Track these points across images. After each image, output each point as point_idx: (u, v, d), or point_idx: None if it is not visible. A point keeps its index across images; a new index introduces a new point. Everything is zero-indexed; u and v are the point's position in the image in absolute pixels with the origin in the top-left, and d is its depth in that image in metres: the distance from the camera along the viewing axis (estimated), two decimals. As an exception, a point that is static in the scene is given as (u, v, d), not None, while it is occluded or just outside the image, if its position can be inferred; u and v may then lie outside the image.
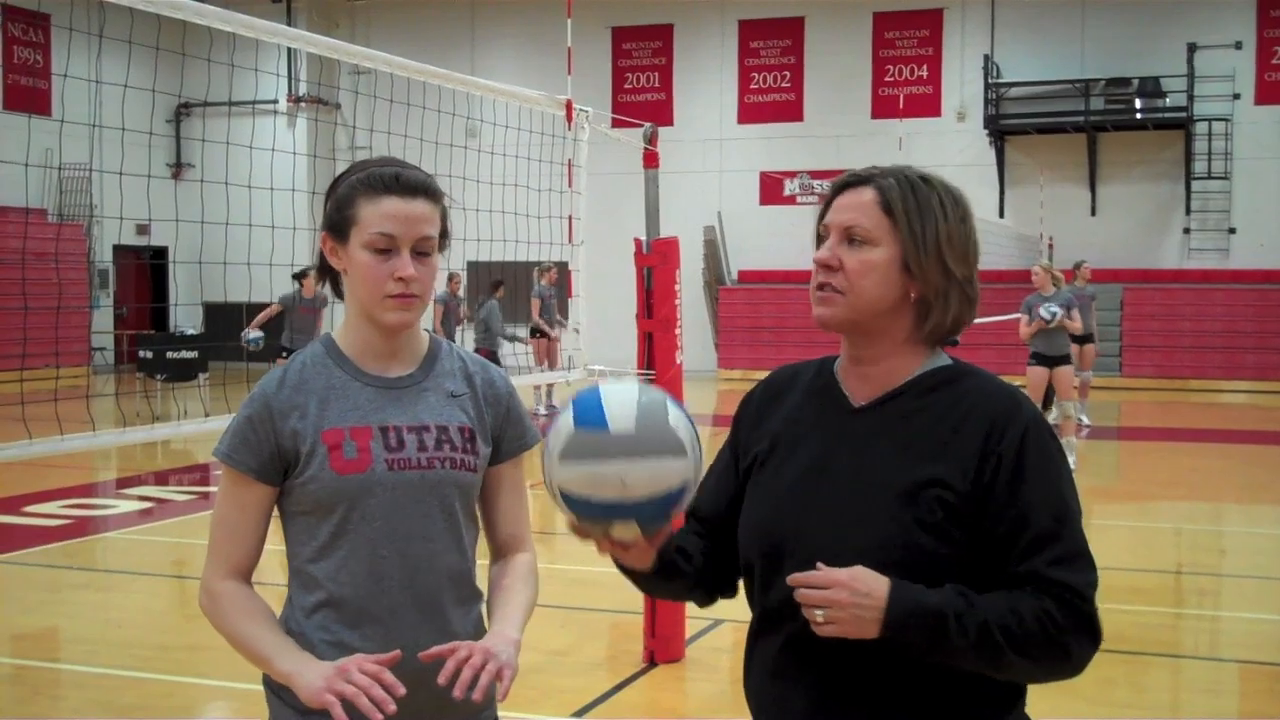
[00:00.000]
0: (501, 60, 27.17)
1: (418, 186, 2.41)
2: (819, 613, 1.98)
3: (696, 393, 22.14)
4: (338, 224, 2.42)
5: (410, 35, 27.99)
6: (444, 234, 2.48)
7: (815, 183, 26.30)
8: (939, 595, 2.00)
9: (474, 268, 17.67)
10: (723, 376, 25.16)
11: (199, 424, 4.56)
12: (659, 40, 27.33)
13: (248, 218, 6.14)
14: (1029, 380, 13.24)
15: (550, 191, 6.43)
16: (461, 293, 18.19)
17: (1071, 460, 13.14)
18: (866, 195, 2.17)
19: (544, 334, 17.81)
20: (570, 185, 6.17)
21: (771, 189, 26.75)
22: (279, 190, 5.83)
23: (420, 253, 2.41)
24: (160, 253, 27.63)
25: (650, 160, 6.49)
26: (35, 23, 24.41)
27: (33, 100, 23.93)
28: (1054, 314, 13.12)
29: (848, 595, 1.97)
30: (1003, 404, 2.13)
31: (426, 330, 2.61)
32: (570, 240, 6.21)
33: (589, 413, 2.08)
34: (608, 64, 27.49)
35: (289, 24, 27.96)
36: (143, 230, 26.09)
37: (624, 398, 2.09)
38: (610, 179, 16.02)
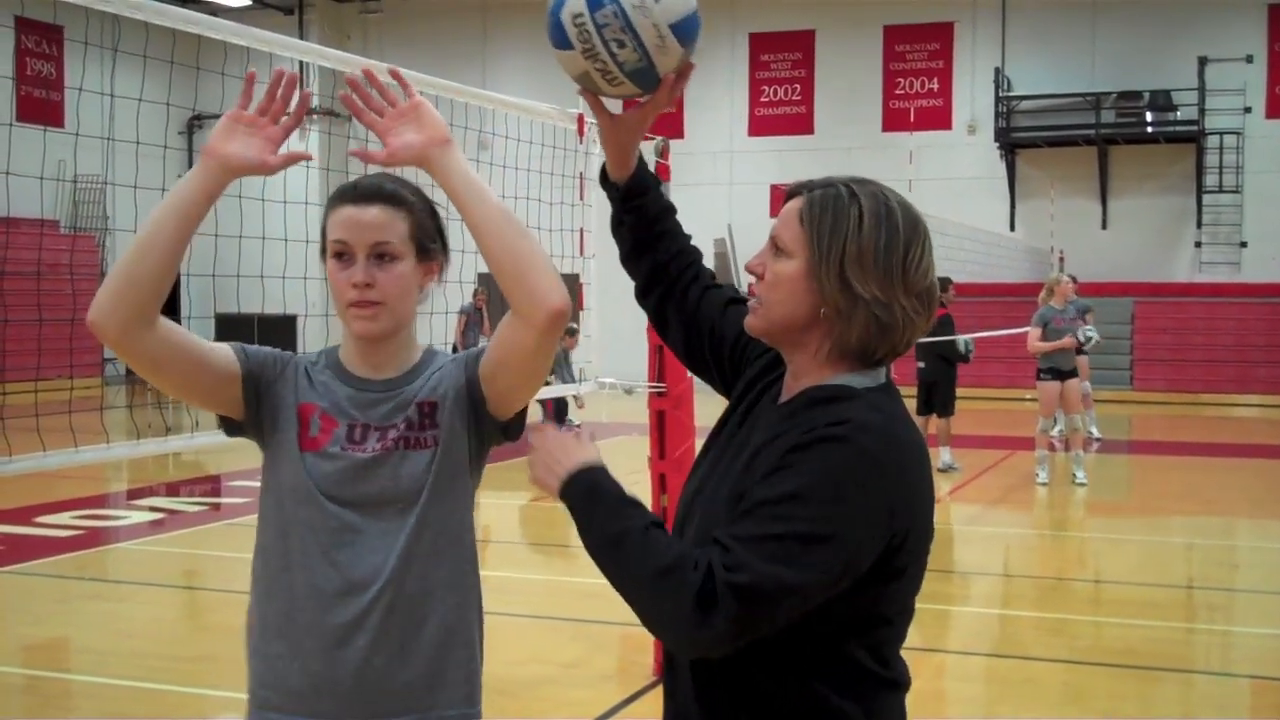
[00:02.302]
0: (514, 72, 27.22)
1: (373, 193, 2.42)
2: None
3: (708, 407, 22.07)
4: (321, 241, 2.46)
5: (422, 47, 28.07)
6: (431, 242, 2.48)
7: (826, 195, 26.32)
8: (617, 490, 2.05)
9: (486, 280, 17.63)
10: (733, 389, 25.17)
11: (211, 435, 4.54)
12: (670, 53, 27.39)
13: (260, 230, 6.16)
14: (1042, 395, 13.22)
15: (562, 204, 6.45)
16: (485, 305, 18.11)
17: (1080, 475, 13.12)
18: (794, 205, 2.15)
19: None
20: (582, 198, 6.19)
21: (782, 201, 26.74)
22: (292, 203, 5.85)
23: (380, 257, 2.40)
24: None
25: (662, 174, 6.50)
26: (49, 35, 24.52)
27: (46, 112, 24.02)
28: (1091, 339, 13.21)
29: (546, 454, 2.11)
30: (831, 429, 1.97)
31: (442, 348, 2.60)
32: (582, 253, 6.22)
33: None
34: (619, 77, 27.53)
35: (301, 36, 28.08)
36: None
37: None
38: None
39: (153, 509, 11.76)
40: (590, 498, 2.04)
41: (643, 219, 2.47)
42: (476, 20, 28.07)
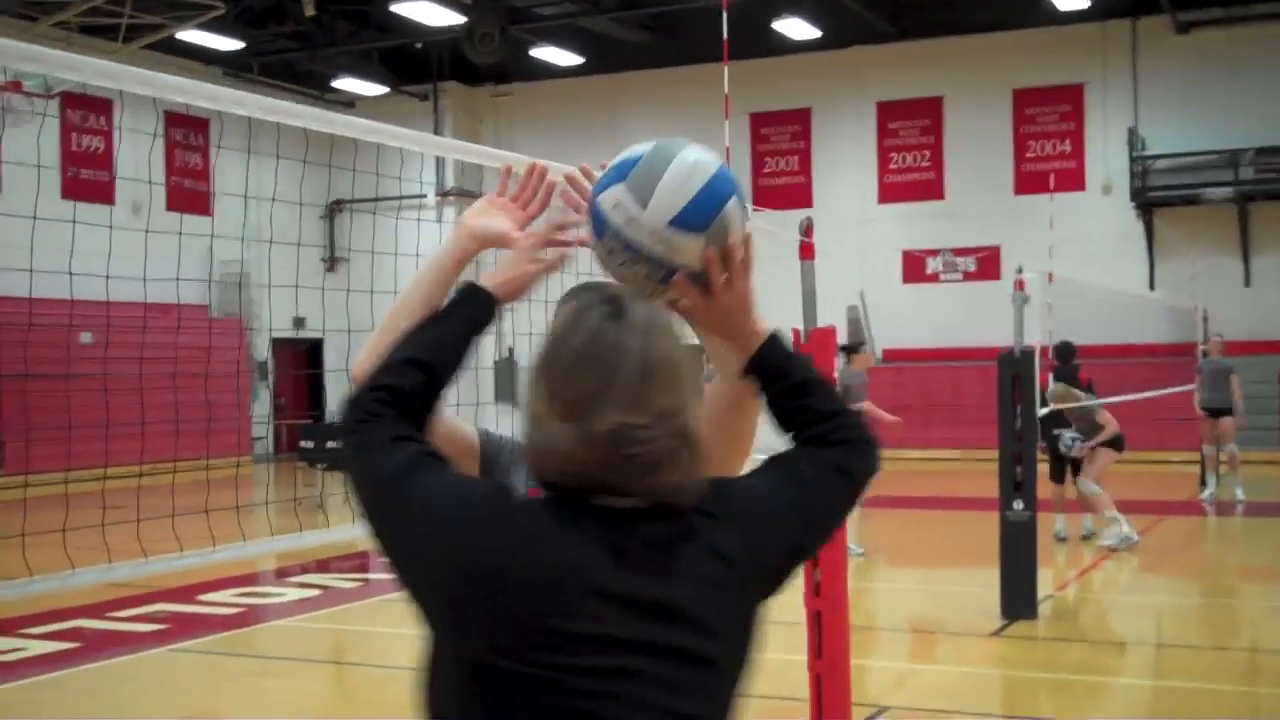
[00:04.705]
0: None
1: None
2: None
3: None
4: None
5: (552, 130, 28.59)
6: None
7: (958, 260, 26.19)
8: None
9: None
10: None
11: (346, 530, 4.53)
12: (797, 124, 27.56)
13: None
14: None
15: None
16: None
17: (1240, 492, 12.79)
18: None
19: None
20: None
21: (914, 267, 26.69)
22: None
23: None
24: (316, 345, 28.41)
25: (806, 252, 6.59)
26: (195, 127, 25.45)
27: (194, 201, 24.90)
28: (1071, 444, 13.00)
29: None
30: None
31: None
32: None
33: (621, 166, 2.18)
34: (746, 149, 27.76)
35: (436, 119, 28.82)
36: (299, 323, 26.88)
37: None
38: (763, 262, 16.12)
39: (305, 585, 12.04)
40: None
41: None
42: (605, 103, 28.51)
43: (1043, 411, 11.02)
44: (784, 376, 2.16)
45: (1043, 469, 11.00)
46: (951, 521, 12.64)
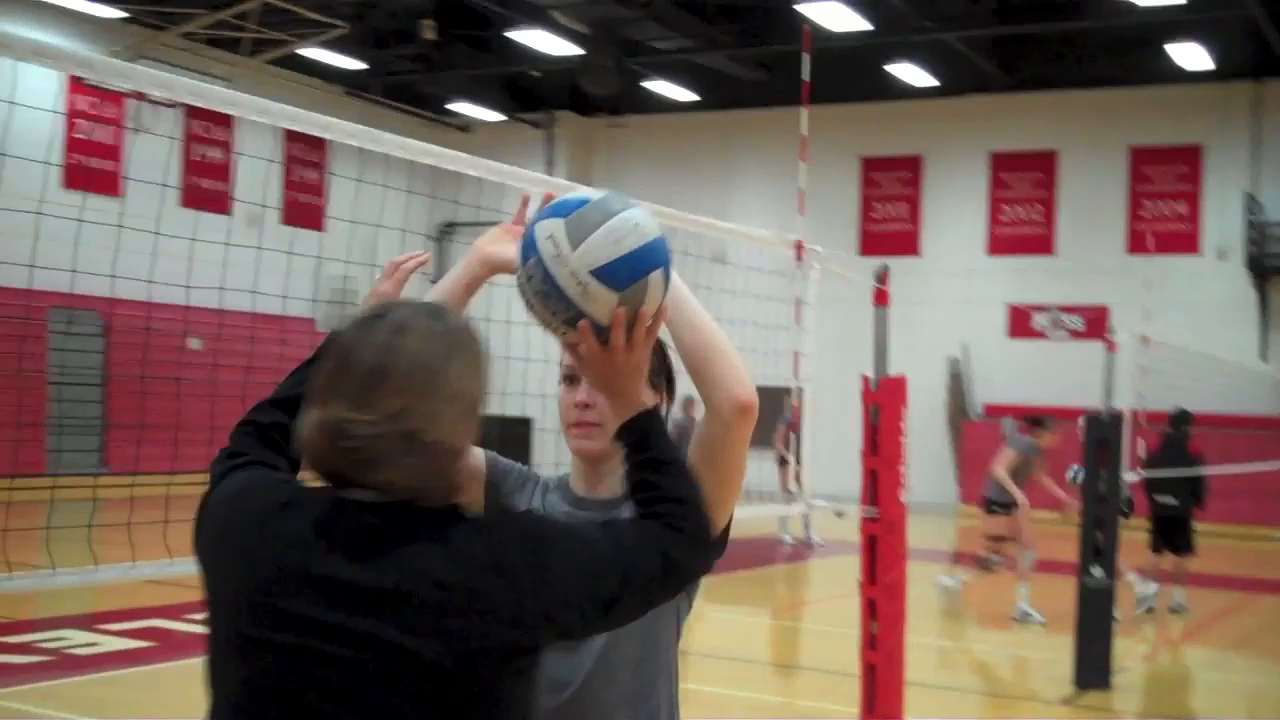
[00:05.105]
0: (754, 187, 27.63)
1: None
2: None
3: (934, 527, 21.71)
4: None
5: (665, 161, 28.73)
6: (655, 376, 2.59)
7: (1066, 317, 25.79)
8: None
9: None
10: (963, 511, 24.62)
11: None
12: (908, 171, 27.38)
13: (505, 343, 6.39)
14: None
15: (777, 329, 6.54)
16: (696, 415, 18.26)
17: None
18: None
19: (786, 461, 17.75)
20: (798, 322, 6.26)
21: (1020, 322, 26.33)
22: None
23: None
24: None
25: (880, 299, 6.53)
26: (313, 143, 25.91)
27: (307, 216, 25.33)
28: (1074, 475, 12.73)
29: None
30: None
31: None
32: (796, 376, 6.28)
33: (566, 203, 2.23)
34: (855, 193, 27.64)
35: (549, 147, 29.09)
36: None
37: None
38: (850, 306, 16.00)
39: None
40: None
41: None
42: (717, 139, 28.57)
43: (1132, 478, 10.79)
44: (647, 449, 2.24)
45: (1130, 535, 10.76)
46: (1039, 584, 12.41)
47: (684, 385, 2.56)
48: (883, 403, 6.52)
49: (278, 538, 1.98)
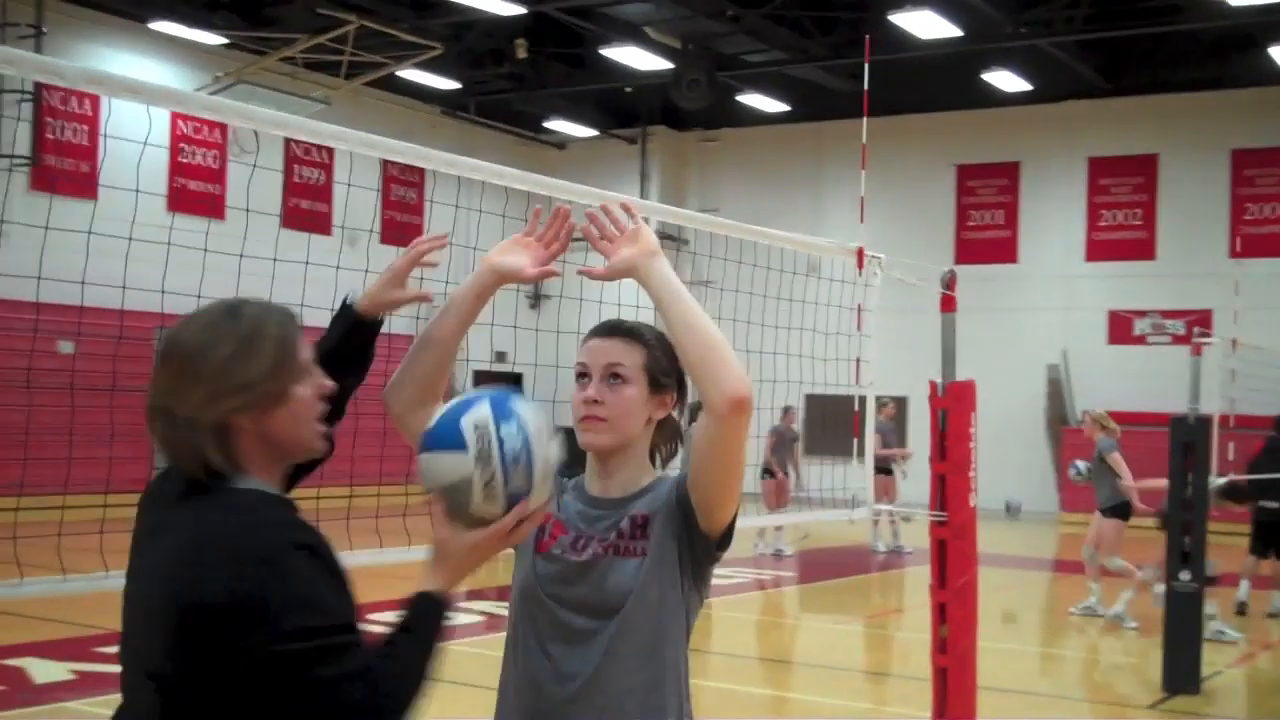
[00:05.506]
0: (846, 199, 27.59)
1: (615, 329, 2.79)
2: None
3: (1035, 536, 21.54)
4: None
5: (757, 173, 28.83)
6: (664, 377, 2.75)
7: (1167, 323, 25.41)
8: None
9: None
10: (1064, 519, 24.35)
11: None
12: (1005, 178, 27.18)
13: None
14: None
15: (839, 335, 6.64)
16: (797, 426, 18.20)
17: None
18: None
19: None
20: (859, 329, 6.36)
21: (1120, 328, 25.99)
22: (644, 307, 6.21)
23: (613, 379, 2.72)
24: (517, 379, 29.04)
25: (947, 304, 6.59)
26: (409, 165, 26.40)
27: (407, 235, 25.73)
28: (1080, 472, 12.63)
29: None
30: None
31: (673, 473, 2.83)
32: (857, 381, 6.38)
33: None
34: (951, 201, 27.51)
35: (643, 163, 29.30)
36: (501, 357, 27.54)
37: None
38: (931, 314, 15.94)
39: (482, 613, 12.29)
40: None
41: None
42: (811, 151, 28.58)
43: (1219, 481, 10.69)
44: (414, 623, 2.25)
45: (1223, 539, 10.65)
46: (1112, 588, 12.32)
47: (787, 395, 2.71)
48: (950, 408, 6.58)
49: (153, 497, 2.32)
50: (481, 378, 28.40)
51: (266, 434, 2.21)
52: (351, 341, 2.65)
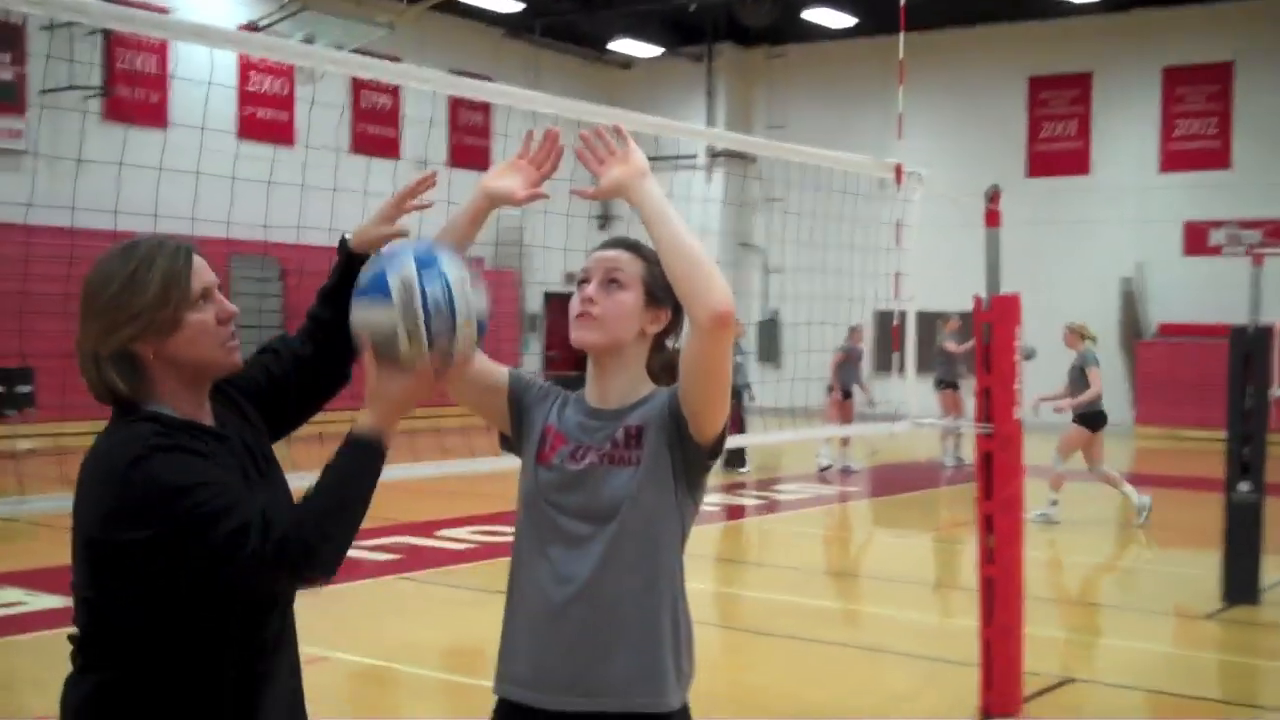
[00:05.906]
0: (922, 111, 27.25)
1: (618, 242, 2.93)
2: None
3: (1110, 449, 21.42)
4: None
5: (827, 89, 28.59)
6: (660, 292, 2.84)
7: (1243, 233, 25.01)
8: None
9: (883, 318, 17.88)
10: (1140, 434, 24.20)
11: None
12: (1077, 89, 26.74)
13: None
14: None
15: (877, 250, 6.69)
16: (864, 344, 18.24)
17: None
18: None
19: (952, 385, 17.64)
20: (898, 243, 6.41)
21: (1196, 239, 25.61)
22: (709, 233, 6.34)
23: (611, 283, 2.84)
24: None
25: (991, 219, 6.62)
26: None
27: (474, 157, 25.88)
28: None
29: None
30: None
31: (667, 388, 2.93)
32: (896, 295, 6.44)
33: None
34: (1024, 114, 27.14)
35: (709, 81, 29.14)
36: (570, 279, 27.70)
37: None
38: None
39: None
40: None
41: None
42: (879, 66, 28.24)
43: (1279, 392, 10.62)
44: (344, 460, 2.45)
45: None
46: (1203, 503, 12.30)
47: (855, 314, 2.79)
48: (995, 321, 6.63)
49: None
50: (552, 300, 28.60)
51: (169, 358, 2.45)
52: (348, 278, 2.77)
